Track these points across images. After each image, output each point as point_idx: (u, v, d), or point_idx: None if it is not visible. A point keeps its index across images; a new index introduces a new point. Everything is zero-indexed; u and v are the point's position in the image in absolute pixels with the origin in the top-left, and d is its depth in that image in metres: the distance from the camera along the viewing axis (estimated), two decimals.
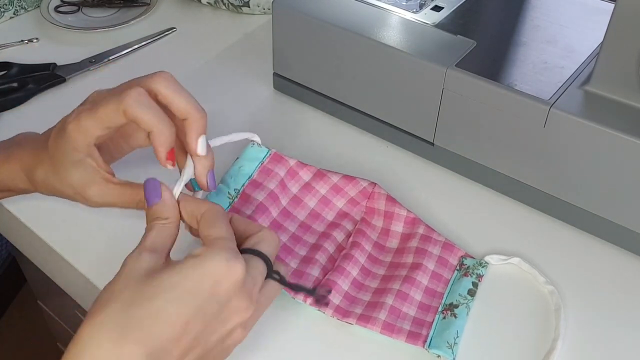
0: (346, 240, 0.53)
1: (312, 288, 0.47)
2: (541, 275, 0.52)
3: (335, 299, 0.48)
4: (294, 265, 0.50)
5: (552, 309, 0.50)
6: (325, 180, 0.56)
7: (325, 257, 0.51)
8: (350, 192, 0.55)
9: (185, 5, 0.85)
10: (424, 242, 0.52)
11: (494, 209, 0.58)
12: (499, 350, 0.48)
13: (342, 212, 0.55)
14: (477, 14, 0.62)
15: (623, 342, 0.48)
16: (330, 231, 0.53)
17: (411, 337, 0.46)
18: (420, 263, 0.50)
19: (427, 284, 0.50)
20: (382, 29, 0.59)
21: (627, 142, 0.48)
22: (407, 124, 0.61)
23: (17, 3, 0.82)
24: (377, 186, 0.56)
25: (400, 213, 0.54)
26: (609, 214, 0.53)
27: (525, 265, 0.52)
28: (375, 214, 0.55)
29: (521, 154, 0.55)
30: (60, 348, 1.03)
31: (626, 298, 0.51)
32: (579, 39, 0.58)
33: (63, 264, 0.54)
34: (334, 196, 0.55)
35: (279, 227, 0.53)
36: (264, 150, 0.56)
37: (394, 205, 0.55)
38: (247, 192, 0.54)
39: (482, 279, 0.51)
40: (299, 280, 0.49)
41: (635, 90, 0.50)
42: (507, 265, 0.53)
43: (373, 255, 0.52)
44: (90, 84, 0.71)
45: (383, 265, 0.52)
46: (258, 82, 0.72)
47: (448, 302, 0.49)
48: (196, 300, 0.36)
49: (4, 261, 1.48)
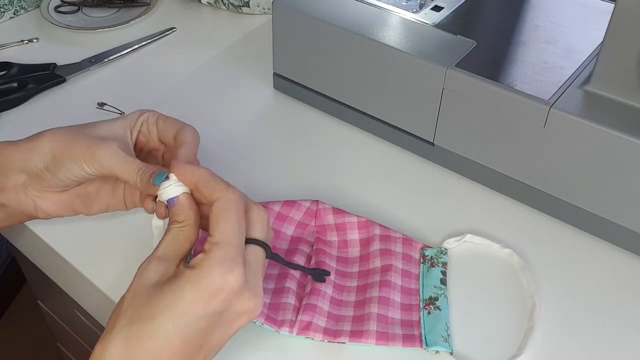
0: (308, 263, 0.51)
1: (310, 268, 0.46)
2: (495, 243, 0.53)
3: (321, 321, 0.47)
4: (267, 300, 0.48)
5: (518, 269, 0.52)
6: (268, 213, 0.54)
7: (294, 283, 0.49)
8: (295, 216, 0.54)
9: (185, 5, 0.85)
10: (385, 242, 0.52)
11: (494, 209, 0.58)
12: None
13: (295, 238, 0.53)
14: (477, 14, 0.62)
15: (616, 340, 0.48)
16: (289, 258, 0.51)
17: (407, 341, 0.46)
18: (389, 264, 0.50)
19: (401, 283, 0.50)
20: (382, 29, 0.59)
21: (627, 142, 0.48)
22: (407, 124, 0.61)
23: (17, 3, 0.82)
24: (320, 202, 0.55)
25: (351, 220, 0.54)
26: (609, 214, 0.53)
27: (478, 239, 0.54)
28: (327, 230, 0.54)
29: (521, 154, 0.55)
30: (61, 348, 1.03)
31: (627, 299, 0.51)
32: (579, 39, 0.58)
33: (63, 264, 0.54)
34: (282, 225, 0.54)
35: None
36: None
37: (342, 215, 0.54)
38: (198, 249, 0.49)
39: (447, 266, 0.52)
40: (277, 312, 0.47)
41: (635, 90, 0.50)
42: (464, 244, 0.54)
43: (340, 270, 0.51)
44: (90, 84, 0.71)
45: (354, 277, 0.51)
46: (258, 82, 0.72)
47: (426, 296, 0.49)
48: (194, 316, 0.37)
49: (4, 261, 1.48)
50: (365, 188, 0.59)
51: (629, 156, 0.49)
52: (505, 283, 0.51)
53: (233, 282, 0.38)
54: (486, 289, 0.51)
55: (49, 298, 0.90)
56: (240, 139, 0.64)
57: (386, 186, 0.59)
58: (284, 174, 0.61)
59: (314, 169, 0.61)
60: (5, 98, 0.68)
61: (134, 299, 0.38)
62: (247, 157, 0.62)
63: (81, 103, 0.68)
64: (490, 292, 0.51)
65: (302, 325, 0.46)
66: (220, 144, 0.63)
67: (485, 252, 0.54)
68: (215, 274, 0.37)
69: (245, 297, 0.39)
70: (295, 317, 0.47)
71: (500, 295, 0.51)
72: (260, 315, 0.46)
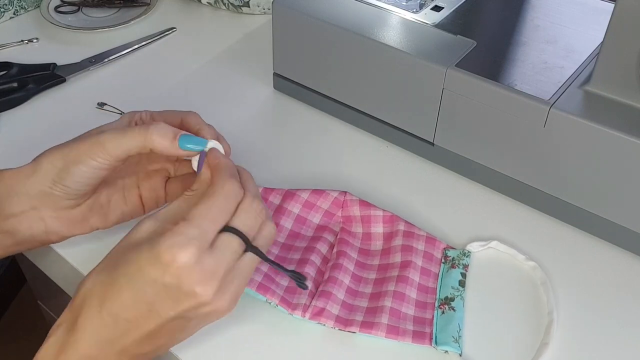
0: (330, 252, 0.52)
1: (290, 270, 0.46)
2: (520, 254, 0.53)
3: (334, 309, 0.48)
4: (285, 283, 0.49)
5: (539, 283, 0.51)
6: (296, 200, 0.55)
7: (314, 270, 0.50)
8: (323, 205, 0.55)
9: (185, 5, 0.85)
10: (408, 238, 0.52)
11: (494, 209, 0.58)
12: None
13: (320, 226, 0.54)
14: (477, 14, 0.62)
15: (616, 340, 0.48)
16: (313, 245, 0.52)
17: (417, 337, 0.46)
18: (409, 260, 0.51)
19: (419, 280, 0.50)
20: (382, 29, 0.59)
21: (627, 142, 0.48)
22: (407, 124, 0.61)
23: (17, 3, 0.82)
24: (348, 194, 0.55)
25: (377, 214, 0.54)
26: (609, 214, 0.53)
27: (503, 247, 0.53)
28: (353, 221, 0.54)
29: (521, 154, 0.55)
30: None
31: (627, 299, 0.51)
32: (579, 39, 0.58)
33: (63, 264, 0.54)
34: (308, 213, 0.55)
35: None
36: None
37: (368, 208, 0.54)
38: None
39: (468, 268, 0.51)
40: (292, 295, 0.48)
41: (635, 90, 0.50)
42: (488, 250, 0.54)
43: (360, 261, 0.52)
44: (90, 84, 0.71)
45: (372, 269, 0.52)
46: (258, 82, 0.72)
47: (442, 296, 0.49)
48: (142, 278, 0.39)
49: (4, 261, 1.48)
50: (366, 188, 0.59)
51: (629, 156, 0.49)
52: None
53: (181, 258, 0.38)
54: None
55: (49, 298, 0.90)
56: (240, 139, 0.64)
57: (386, 186, 0.59)
58: (284, 173, 0.61)
59: (314, 168, 0.61)
60: (5, 98, 0.68)
61: (117, 249, 0.41)
62: (247, 157, 0.62)
63: (81, 103, 0.68)
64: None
65: (315, 310, 0.47)
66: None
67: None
68: (165, 245, 0.38)
69: (194, 278, 0.39)
70: (309, 302, 0.48)
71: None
72: (276, 296, 0.48)
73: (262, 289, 0.48)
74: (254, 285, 0.48)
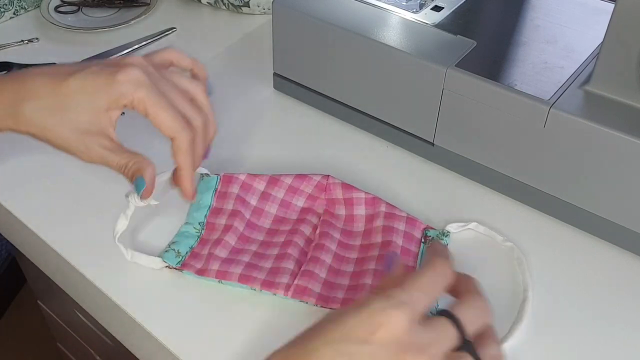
0: (314, 233, 0.53)
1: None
2: (499, 235, 0.54)
3: (316, 287, 0.49)
4: (269, 265, 0.50)
5: (516, 263, 0.52)
6: (279, 185, 0.56)
7: (297, 250, 0.51)
8: (306, 189, 0.56)
9: (185, 5, 0.85)
10: (389, 219, 0.53)
11: (494, 209, 0.58)
12: None
13: (304, 209, 0.56)
14: (477, 14, 0.62)
15: (615, 340, 0.48)
16: (297, 227, 0.53)
17: None
18: (389, 240, 0.51)
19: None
20: (382, 29, 0.59)
21: (627, 142, 0.48)
22: (407, 124, 0.61)
23: (17, 3, 0.82)
24: (331, 177, 0.56)
25: (359, 196, 0.55)
26: (609, 214, 0.53)
27: (482, 228, 0.54)
28: (336, 204, 0.55)
29: (521, 154, 0.55)
30: (61, 348, 1.03)
31: (627, 299, 0.51)
32: (579, 39, 0.58)
33: (63, 264, 0.54)
34: (292, 197, 0.56)
35: (247, 239, 0.53)
36: (214, 177, 0.56)
37: (351, 190, 0.55)
38: (210, 221, 0.54)
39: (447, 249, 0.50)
40: (275, 275, 0.49)
41: (635, 90, 0.50)
42: (467, 232, 0.55)
43: (343, 242, 0.53)
44: None
45: (354, 249, 0.53)
46: (258, 82, 0.72)
47: None
48: (348, 344, 0.36)
49: (4, 261, 1.48)
50: (365, 188, 0.59)
51: (629, 156, 0.49)
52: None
53: (394, 320, 0.35)
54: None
55: (49, 298, 0.90)
56: (240, 139, 0.64)
57: (386, 186, 0.59)
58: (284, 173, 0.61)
59: (314, 168, 0.61)
60: None
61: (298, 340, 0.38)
62: (247, 157, 0.62)
63: None
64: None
65: (298, 289, 0.48)
66: (220, 144, 0.63)
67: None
68: (377, 305, 0.36)
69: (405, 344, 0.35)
70: (292, 281, 0.49)
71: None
72: (257, 282, 0.49)
73: (243, 279, 0.49)
74: (235, 277, 0.49)
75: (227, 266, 0.50)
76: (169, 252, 0.51)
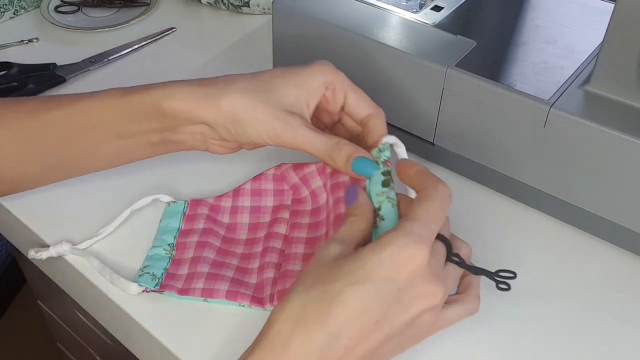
0: (289, 229, 0.53)
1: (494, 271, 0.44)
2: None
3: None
4: (254, 281, 0.49)
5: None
6: (242, 194, 0.55)
7: (275, 255, 0.51)
8: (268, 187, 0.56)
9: (185, 5, 0.85)
10: (335, 176, 0.52)
11: (493, 209, 0.58)
12: None
13: (275, 207, 0.55)
14: (477, 14, 0.62)
15: (615, 340, 0.48)
16: (272, 229, 0.53)
17: None
18: (340, 197, 0.51)
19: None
20: (382, 29, 0.59)
21: (627, 142, 0.48)
22: (407, 124, 0.61)
23: (17, 3, 0.82)
24: (283, 164, 0.56)
25: (311, 170, 0.54)
26: (609, 214, 0.53)
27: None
28: (298, 188, 0.55)
29: (521, 154, 0.55)
30: (61, 348, 1.03)
31: (626, 299, 0.51)
32: (579, 39, 0.58)
33: (63, 264, 0.54)
34: (259, 200, 0.55)
35: (227, 252, 0.52)
36: (181, 203, 0.55)
37: (302, 168, 0.55)
38: (180, 241, 0.52)
39: (390, 163, 0.47)
40: (261, 290, 0.48)
41: (635, 90, 0.50)
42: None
43: (312, 223, 0.53)
44: (90, 84, 0.71)
45: (322, 225, 0.52)
46: None
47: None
48: (374, 284, 0.36)
49: (4, 261, 1.48)
50: None
51: (629, 156, 0.49)
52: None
53: (417, 257, 0.37)
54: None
55: (49, 298, 0.90)
56: None
57: None
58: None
59: None
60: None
61: (314, 270, 0.39)
62: (247, 158, 0.62)
63: None
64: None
65: (280, 294, 0.48)
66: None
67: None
68: (399, 243, 0.37)
69: (428, 280, 0.37)
70: (274, 290, 0.48)
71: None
72: (246, 298, 0.48)
73: (230, 295, 0.48)
74: (222, 295, 0.48)
75: (212, 283, 0.49)
76: (144, 276, 0.49)
